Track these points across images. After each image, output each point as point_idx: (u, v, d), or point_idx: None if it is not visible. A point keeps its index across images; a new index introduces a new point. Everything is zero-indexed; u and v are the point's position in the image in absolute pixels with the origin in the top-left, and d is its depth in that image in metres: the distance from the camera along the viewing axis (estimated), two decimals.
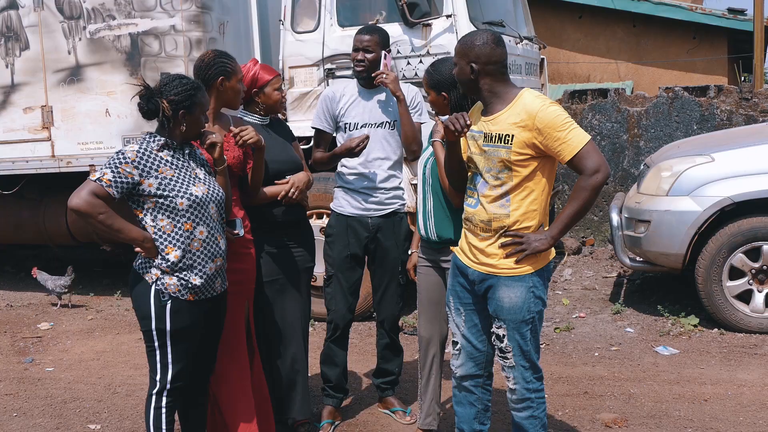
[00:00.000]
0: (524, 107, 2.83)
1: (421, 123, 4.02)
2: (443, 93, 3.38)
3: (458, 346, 3.16)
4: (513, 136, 2.81)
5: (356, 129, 3.93)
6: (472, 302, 3.08)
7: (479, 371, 3.16)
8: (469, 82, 2.92)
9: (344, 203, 3.98)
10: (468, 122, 2.84)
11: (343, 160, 3.98)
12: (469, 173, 3.03)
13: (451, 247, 3.21)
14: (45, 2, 6.28)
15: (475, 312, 3.09)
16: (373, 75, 3.87)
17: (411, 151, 3.95)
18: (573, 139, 2.79)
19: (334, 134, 4.05)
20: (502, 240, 2.89)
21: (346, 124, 3.97)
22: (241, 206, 3.47)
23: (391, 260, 4.01)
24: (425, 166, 3.49)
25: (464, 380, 3.18)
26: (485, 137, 2.89)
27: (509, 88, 2.92)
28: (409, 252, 3.87)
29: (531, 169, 2.85)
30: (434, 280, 3.57)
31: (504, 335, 2.95)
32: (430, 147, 3.49)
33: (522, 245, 2.86)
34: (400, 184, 4.06)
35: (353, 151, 3.76)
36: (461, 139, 3.00)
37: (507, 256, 2.89)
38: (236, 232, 3.27)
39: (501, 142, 2.84)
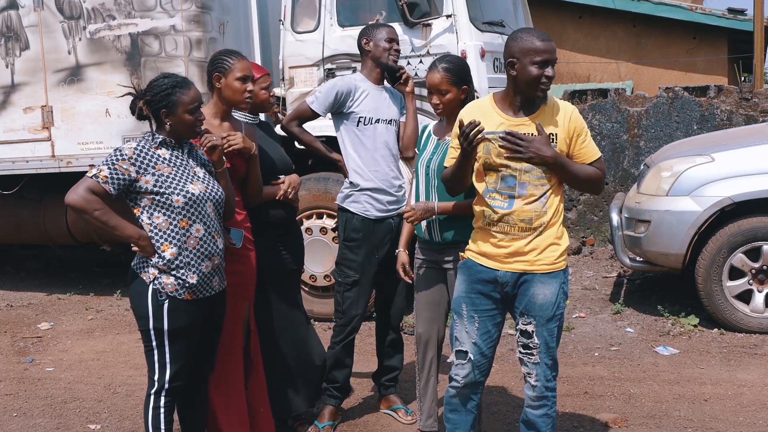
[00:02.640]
0: (558, 108, 2.95)
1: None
2: (464, 86, 3.39)
3: (468, 355, 3.07)
4: (557, 135, 2.90)
5: (370, 123, 3.94)
6: (491, 308, 3.04)
7: (482, 378, 3.15)
8: (532, 82, 2.86)
9: (368, 206, 3.94)
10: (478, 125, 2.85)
11: (354, 160, 3.96)
12: (494, 175, 2.95)
13: (462, 255, 3.15)
14: (45, 2, 6.28)
15: (489, 318, 3.05)
16: (398, 66, 3.99)
17: (410, 149, 3.96)
18: (592, 144, 3.00)
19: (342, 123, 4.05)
20: (501, 143, 2.86)
21: (360, 117, 3.95)
22: (242, 208, 3.47)
23: None
24: (428, 167, 3.44)
25: (467, 388, 3.14)
26: None
27: None
28: (396, 252, 3.76)
29: None
30: (435, 281, 3.54)
31: (533, 331, 2.95)
32: (429, 146, 3.48)
33: (523, 144, 2.83)
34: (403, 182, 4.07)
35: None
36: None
37: (507, 152, 2.86)
38: (233, 242, 3.28)
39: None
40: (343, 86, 3.96)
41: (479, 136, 2.83)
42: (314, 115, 4.08)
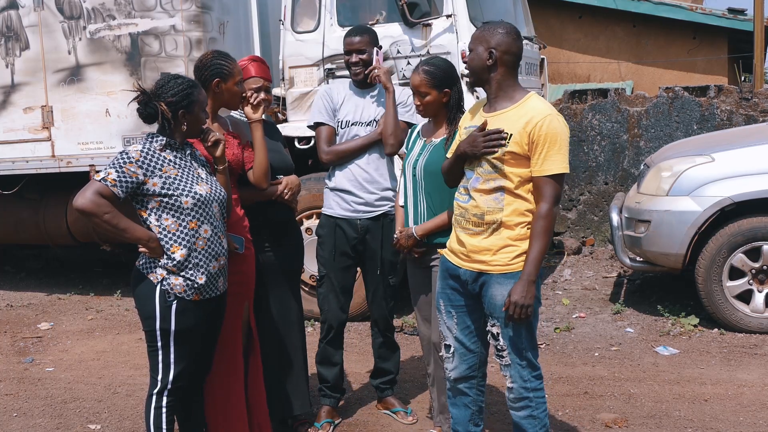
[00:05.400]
0: (531, 109, 2.83)
1: (413, 123, 3.97)
2: (446, 89, 3.36)
3: (451, 349, 3.13)
4: (511, 135, 2.81)
5: (348, 126, 3.96)
6: (464, 304, 3.07)
7: (473, 373, 3.15)
8: (482, 69, 2.88)
9: (333, 204, 3.99)
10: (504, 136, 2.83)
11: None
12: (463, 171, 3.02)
13: (439, 250, 3.20)
14: (45, 2, 6.28)
15: (467, 314, 3.07)
16: (366, 72, 3.92)
17: (388, 145, 3.91)
18: (557, 161, 2.79)
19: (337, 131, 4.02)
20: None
21: (339, 121, 4.00)
22: (241, 206, 3.48)
23: (378, 262, 4.00)
24: (414, 168, 3.47)
25: (458, 382, 3.16)
26: None
27: (518, 88, 2.92)
28: (395, 235, 3.68)
29: (525, 169, 2.83)
30: (424, 280, 3.58)
31: (498, 333, 2.93)
32: (416, 147, 3.50)
33: (515, 312, 2.81)
34: (391, 185, 4.04)
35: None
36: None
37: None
38: (236, 246, 3.29)
39: None
40: (326, 90, 4.09)
41: (494, 147, 2.83)
42: (324, 126, 3.98)
